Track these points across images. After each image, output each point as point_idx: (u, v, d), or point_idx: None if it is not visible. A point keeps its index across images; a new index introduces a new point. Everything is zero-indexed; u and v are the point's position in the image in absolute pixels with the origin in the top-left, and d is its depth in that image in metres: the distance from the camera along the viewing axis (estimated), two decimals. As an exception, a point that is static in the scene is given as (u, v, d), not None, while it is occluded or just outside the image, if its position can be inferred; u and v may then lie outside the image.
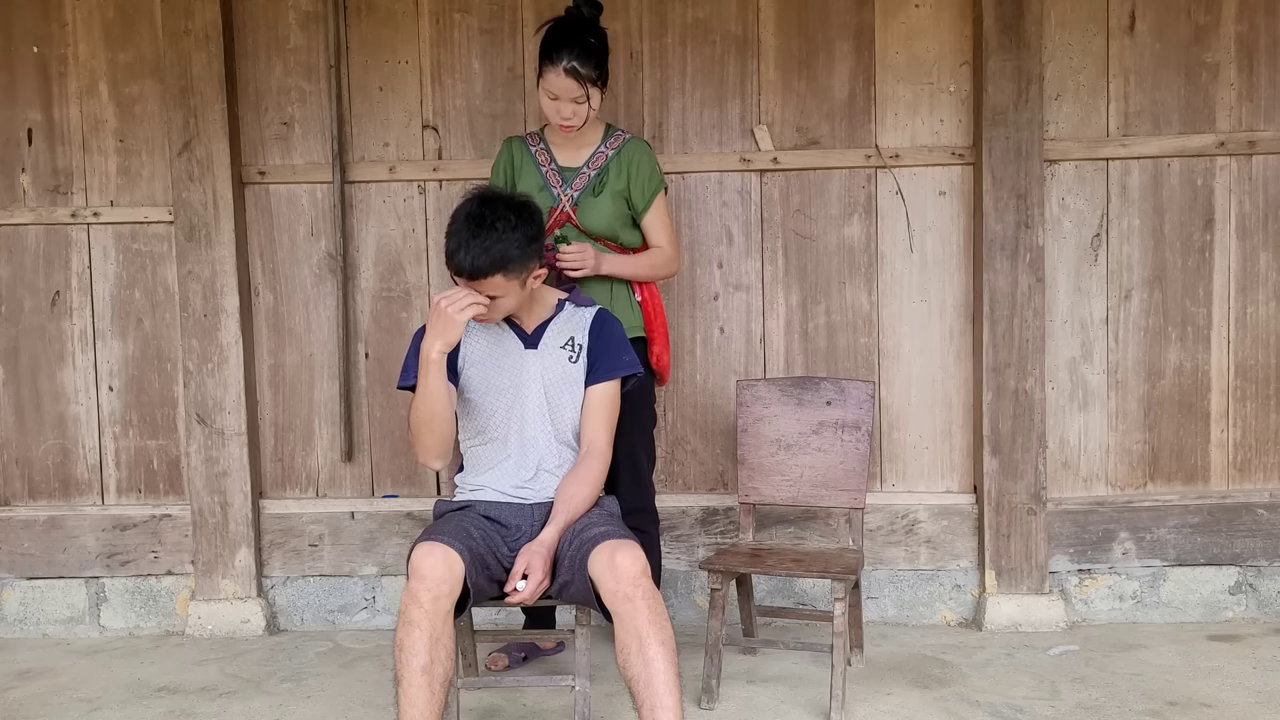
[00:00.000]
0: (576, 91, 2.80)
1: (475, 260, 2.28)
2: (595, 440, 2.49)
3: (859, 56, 3.34)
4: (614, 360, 2.52)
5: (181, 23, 3.30)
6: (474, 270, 2.29)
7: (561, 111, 2.83)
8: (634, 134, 3.09)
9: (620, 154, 2.95)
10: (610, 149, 2.95)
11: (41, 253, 3.47)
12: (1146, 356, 3.36)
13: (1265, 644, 3.11)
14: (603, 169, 2.93)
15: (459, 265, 2.30)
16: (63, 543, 3.46)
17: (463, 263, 2.29)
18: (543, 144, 2.98)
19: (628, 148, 2.96)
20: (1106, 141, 3.31)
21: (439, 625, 2.17)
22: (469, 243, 2.28)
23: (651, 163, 2.97)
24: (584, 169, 2.94)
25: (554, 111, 2.84)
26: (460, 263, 2.29)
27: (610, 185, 2.92)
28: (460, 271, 2.31)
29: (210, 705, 2.84)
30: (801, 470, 3.00)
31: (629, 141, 2.97)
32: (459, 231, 2.31)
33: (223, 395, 3.37)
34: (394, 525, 3.43)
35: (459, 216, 2.33)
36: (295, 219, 3.44)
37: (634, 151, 2.95)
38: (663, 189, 2.99)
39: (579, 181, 2.92)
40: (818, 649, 2.83)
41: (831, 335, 3.40)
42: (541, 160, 2.96)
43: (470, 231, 2.29)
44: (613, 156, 2.94)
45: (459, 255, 2.29)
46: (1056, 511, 3.33)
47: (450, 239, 2.31)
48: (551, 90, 2.81)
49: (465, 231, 2.30)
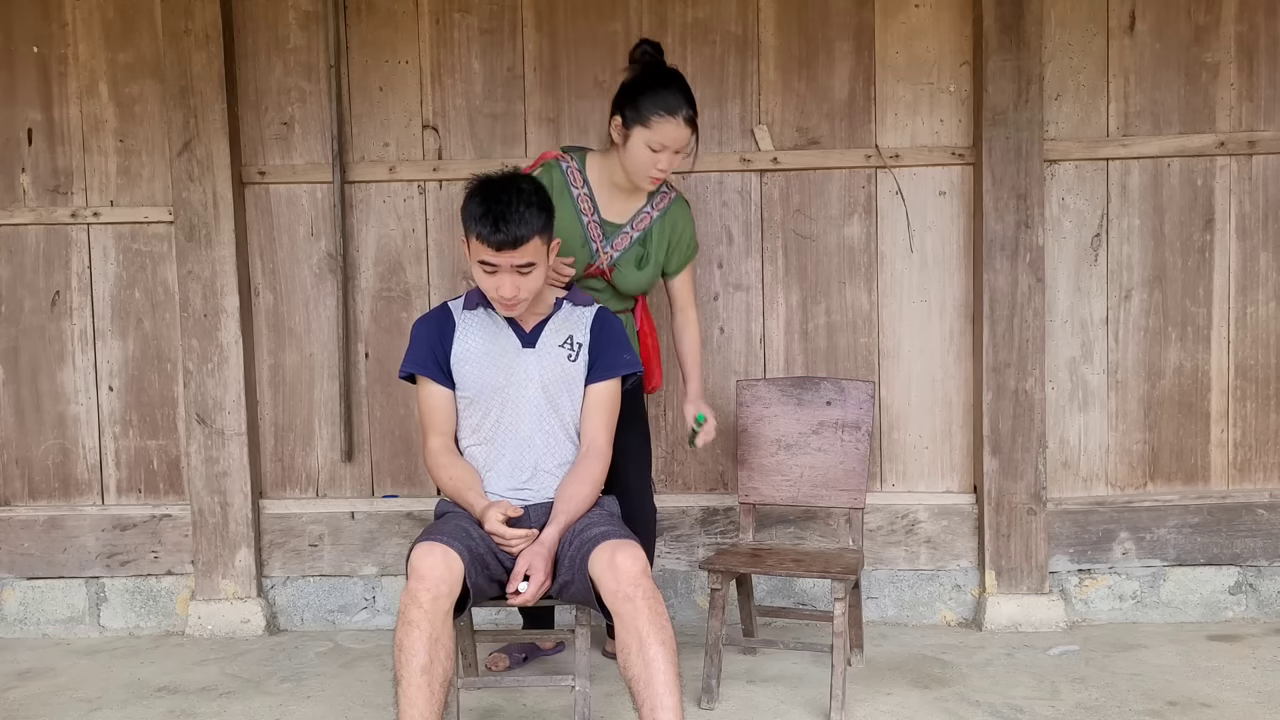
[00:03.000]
0: (687, 141, 2.68)
1: (516, 228, 2.30)
2: (595, 439, 2.49)
3: (859, 56, 3.34)
4: (614, 359, 2.52)
5: (181, 22, 3.31)
6: (517, 238, 2.31)
7: (659, 163, 2.68)
8: (677, 190, 2.95)
9: (665, 217, 2.85)
10: (655, 209, 2.85)
11: (41, 253, 3.47)
12: (1146, 356, 3.36)
13: (1265, 644, 3.11)
14: (645, 232, 2.84)
15: (501, 239, 2.30)
16: (63, 543, 3.46)
17: (505, 234, 2.30)
18: (587, 188, 2.82)
19: (672, 210, 2.86)
20: (1106, 141, 3.31)
21: (438, 625, 2.17)
22: (505, 214, 2.30)
23: (692, 229, 2.91)
24: (627, 228, 2.83)
25: (650, 163, 2.69)
26: (504, 235, 2.30)
27: (653, 257, 2.84)
28: (504, 244, 2.31)
29: (210, 705, 2.84)
30: (801, 470, 3.00)
31: (674, 203, 2.87)
32: (487, 212, 2.31)
33: (223, 395, 3.37)
34: (394, 525, 3.43)
35: (478, 201, 2.33)
36: (295, 219, 3.44)
37: (678, 216, 2.87)
38: (695, 253, 2.94)
39: (620, 241, 2.82)
40: (818, 649, 2.83)
41: (831, 335, 3.40)
42: (584, 208, 2.80)
43: (500, 205, 2.30)
44: (656, 219, 2.84)
45: (501, 229, 2.30)
46: (1056, 511, 3.33)
47: (480, 222, 2.31)
48: (662, 141, 2.65)
49: (494, 208, 2.31)
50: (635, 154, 2.69)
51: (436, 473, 2.52)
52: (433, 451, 2.52)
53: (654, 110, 2.64)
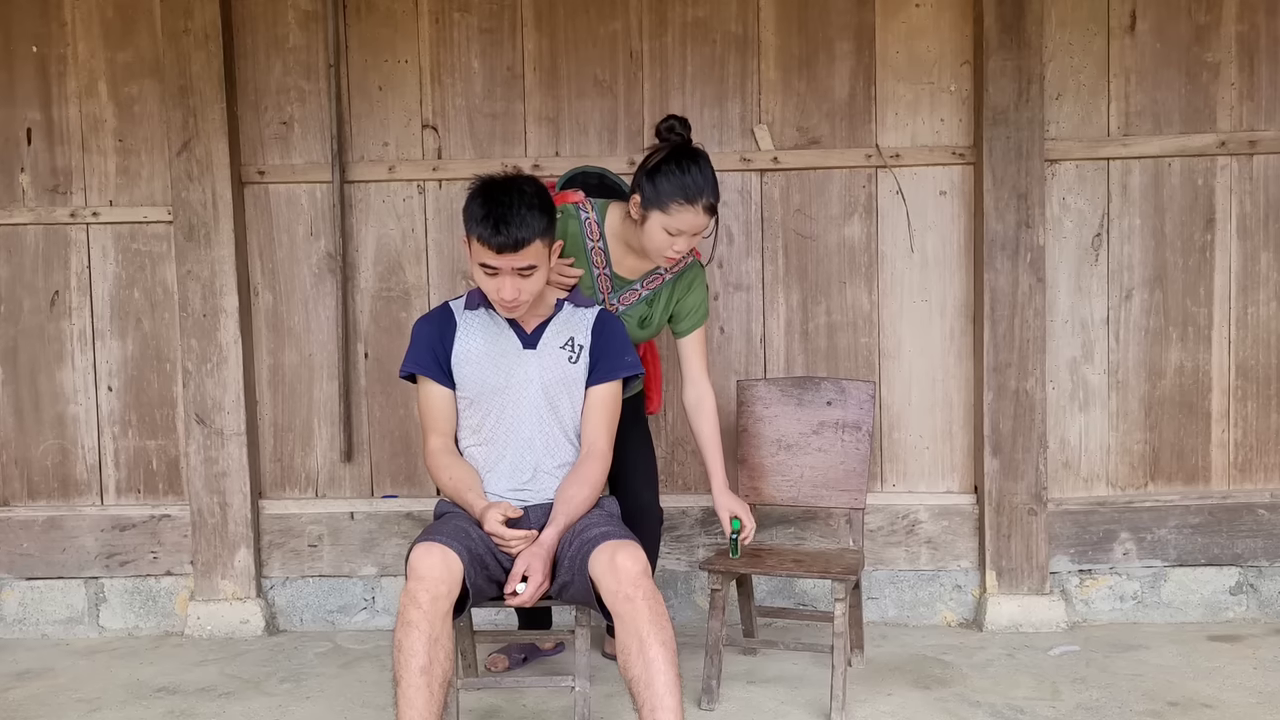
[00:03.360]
0: (706, 225, 2.58)
1: (517, 231, 2.29)
2: (595, 441, 2.49)
3: (859, 56, 3.34)
4: (615, 360, 2.52)
5: (181, 22, 3.30)
6: (518, 240, 2.30)
7: (676, 245, 2.58)
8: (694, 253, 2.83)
9: (678, 280, 2.79)
10: (669, 272, 2.78)
11: (41, 253, 3.46)
12: (1147, 356, 3.36)
13: (1266, 644, 3.11)
14: (655, 293, 2.79)
15: (503, 241, 2.29)
16: (62, 543, 3.46)
17: (506, 237, 2.29)
18: (603, 241, 2.73)
19: (687, 275, 2.79)
20: (1107, 141, 3.31)
21: (438, 625, 2.16)
22: (506, 216, 2.29)
23: (704, 293, 2.82)
24: (637, 285, 2.77)
25: (666, 245, 2.58)
26: (504, 238, 2.28)
27: (657, 320, 2.79)
28: (505, 246, 2.29)
29: (209, 705, 2.84)
30: (802, 470, 3.00)
31: (689, 268, 2.80)
32: (489, 215, 2.30)
33: (222, 395, 3.37)
34: (393, 525, 3.42)
35: (479, 203, 2.32)
36: (295, 219, 3.44)
37: (694, 279, 2.79)
38: (705, 318, 2.85)
39: (628, 297, 2.77)
40: (818, 649, 2.83)
41: (832, 335, 3.40)
42: (596, 260, 2.73)
43: (501, 208, 2.30)
44: (669, 281, 2.79)
45: (502, 231, 2.29)
46: (1057, 512, 3.33)
47: (482, 224, 2.30)
48: (679, 228, 2.55)
49: (496, 210, 2.30)
50: (652, 235, 2.59)
51: (436, 473, 2.51)
52: (433, 452, 2.51)
53: (673, 197, 2.53)
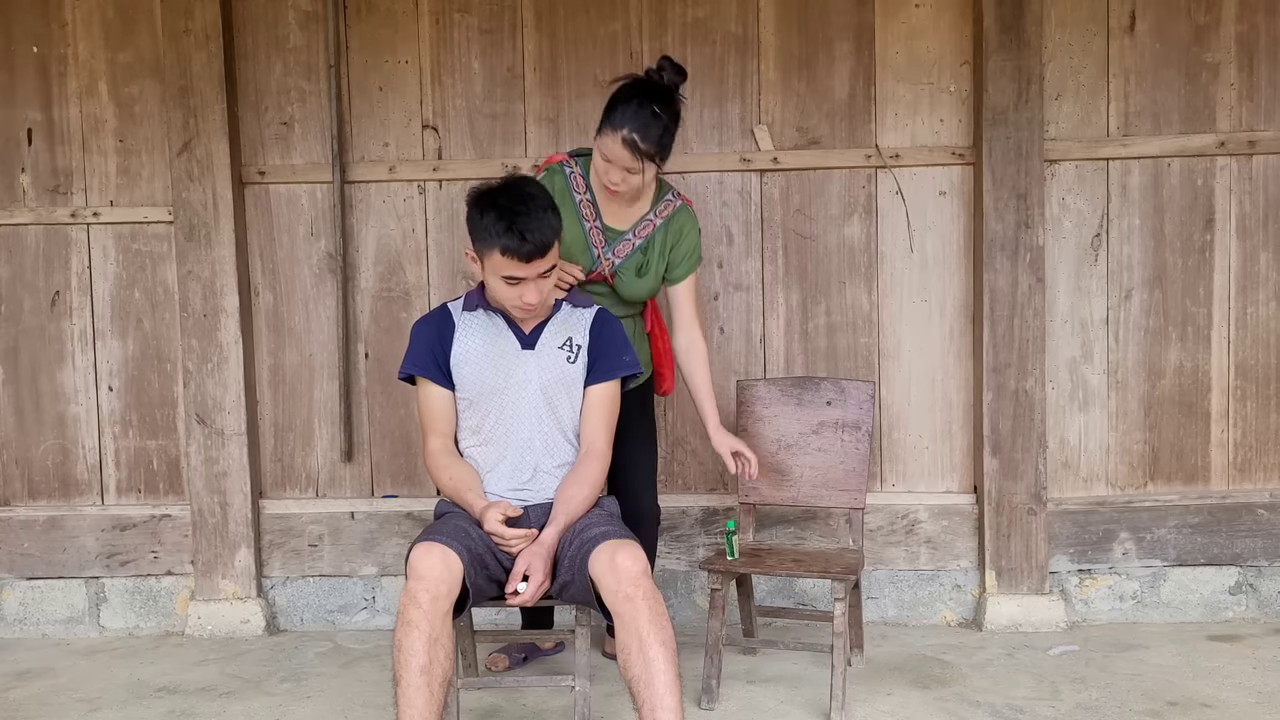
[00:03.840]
0: (630, 163, 2.63)
1: (540, 235, 2.31)
2: (594, 441, 2.49)
3: (859, 56, 3.34)
4: (614, 360, 2.52)
5: (181, 22, 3.30)
6: (544, 245, 2.32)
7: (610, 175, 2.67)
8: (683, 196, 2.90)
9: (669, 226, 2.82)
10: (659, 217, 2.81)
11: (41, 253, 3.47)
12: (1147, 356, 3.36)
13: (1265, 644, 3.11)
14: (648, 240, 2.81)
15: (531, 249, 2.30)
16: (62, 543, 3.46)
17: (534, 245, 2.30)
18: (589, 194, 2.80)
19: (677, 218, 2.83)
20: (1107, 141, 3.31)
21: (437, 625, 2.17)
22: (529, 225, 2.30)
23: (696, 238, 2.86)
24: (629, 235, 2.80)
25: (604, 171, 2.68)
26: (532, 246, 2.30)
27: (654, 265, 2.81)
28: (534, 254, 2.31)
29: (210, 705, 2.84)
30: (801, 470, 3.00)
31: (678, 211, 2.83)
32: (511, 226, 2.30)
33: (222, 395, 3.37)
34: (394, 525, 3.43)
35: (495, 215, 2.32)
36: (295, 219, 3.44)
37: (683, 224, 2.83)
38: (699, 263, 2.89)
39: (622, 248, 2.79)
40: (818, 649, 2.83)
41: (831, 335, 3.40)
42: (585, 213, 2.78)
43: (521, 217, 2.30)
44: (660, 227, 2.81)
45: (528, 239, 2.30)
46: (1057, 511, 3.33)
47: (506, 237, 2.30)
48: (606, 153, 2.65)
49: (518, 221, 2.30)
50: (595, 160, 2.71)
51: (436, 474, 2.52)
52: (432, 452, 2.52)
53: (605, 122, 2.64)
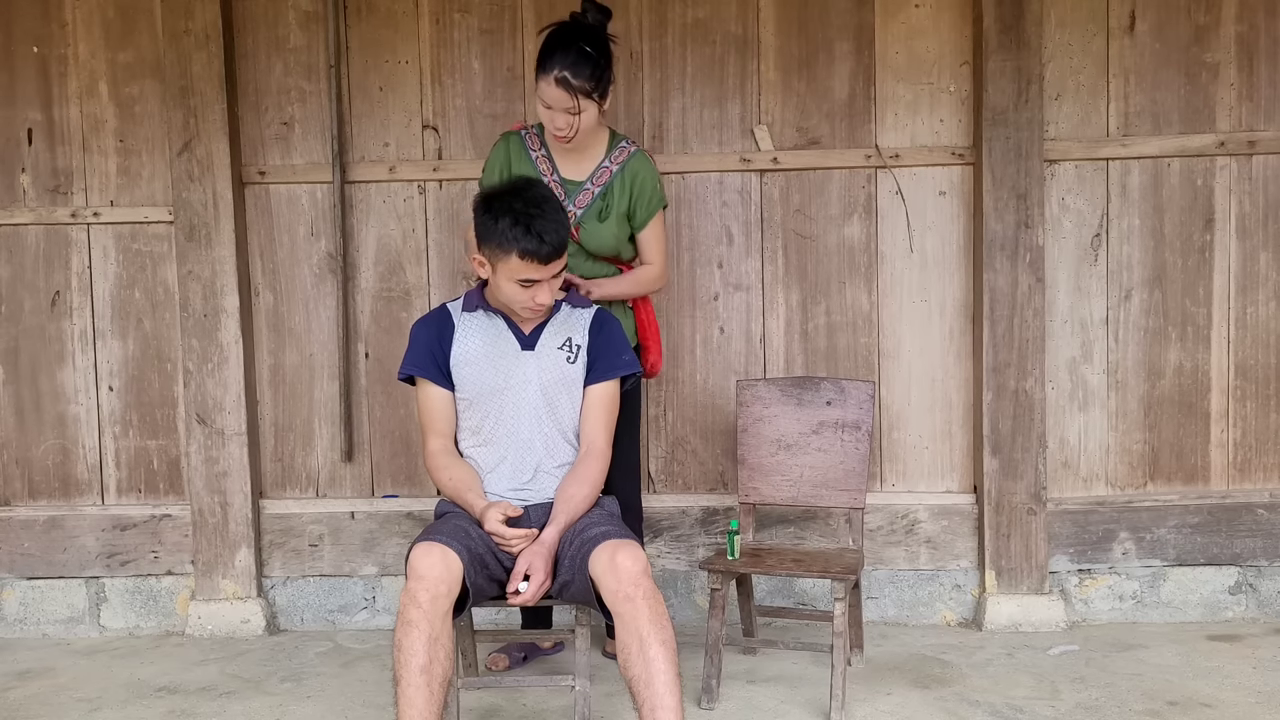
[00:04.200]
0: (568, 103, 2.69)
1: (556, 237, 2.33)
2: (594, 440, 2.50)
3: (859, 56, 3.34)
4: (613, 360, 2.53)
5: (181, 23, 3.30)
6: (559, 247, 2.34)
7: (555, 122, 2.73)
8: (638, 144, 2.97)
9: (625, 170, 2.86)
10: (614, 164, 2.86)
11: (41, 253, 3.47)
12: (1146, 356, 3.36)
13: (1265, 644, 3.11)
14: (606, 186, 2.85)
15: (550, 251, 2.32)
16: (63, 543, 3.46)
17: (550, 246, 2.32)
18: (544, 150, 2.88)
19: (632, 163, 2.87)
20: (1106, 141, 3.31)
21: (437, 625, 2.17)
22: (545, 228, 2.31)
23: (655, 179, 2.89)
24: (587, 184, 2.85)
25: (548, 120, 2.75)
26: (549, 247, 2.31)
27: (615, 208, 2.85)
28: (552, 256, 2.33)
29: (210, 705, 2.84)
30: (801, 470, 3.00)
31: (633, 156, 2.88)
32: (529, 230, 2.31)
33: (223, 395, 3.37)
34: (394, 525, 3.43)
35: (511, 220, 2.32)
36: (295, 219, 3.44)
37: (638, 167, 2.87)
38: (663, 206, 2.93)
39: (582, 198, 2.85)
40: (818, 649, 2.83)
41: (831, 335, 3.40)
42: (543, 169, 2.86)
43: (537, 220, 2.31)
44: (617, 173, 2.86)
45: (545, 240, 2.31)
46: (1056, 511, 3.33)
47: (525, 240, 2.30)
48: (544, 99, 2.71)
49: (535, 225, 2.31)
50: (539, 109, 2.75)
51: (436, 474, 2.52)
52: (432, 453, 2.52)
53: (538, 67, 2.71)
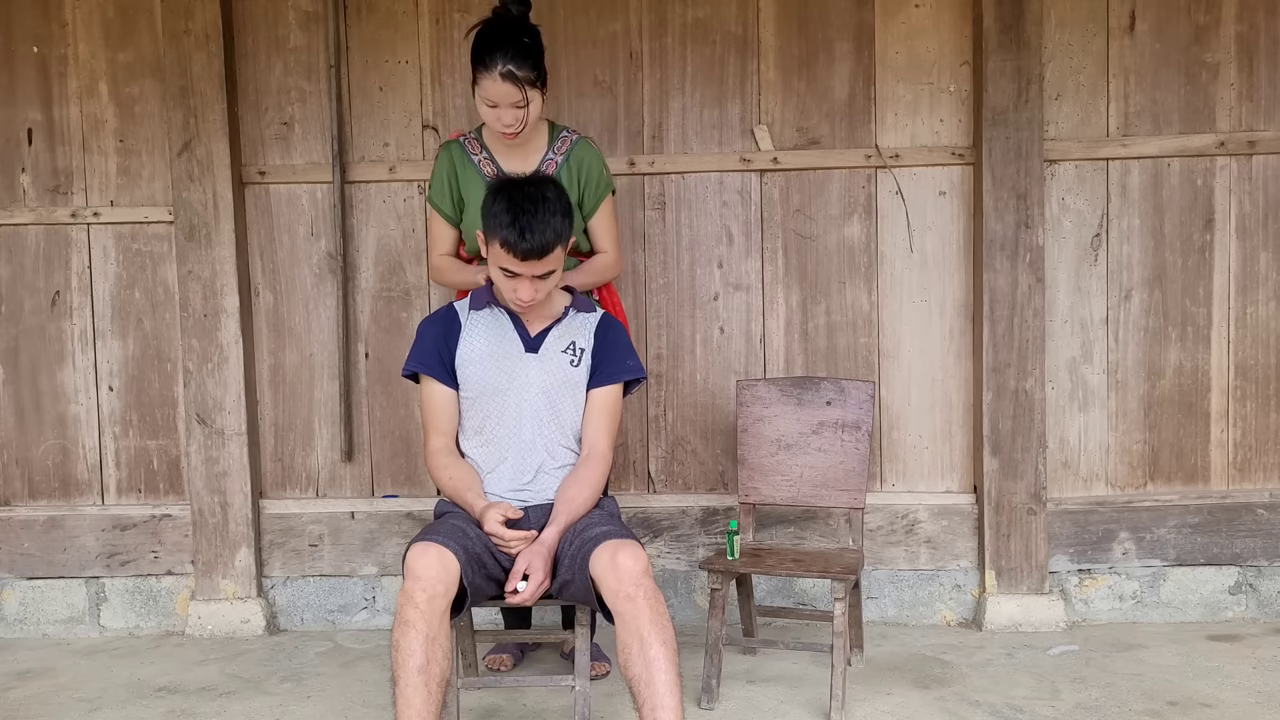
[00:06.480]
0: (516, 96, 2.65)
1: (541, 237, 2.30)
2: (596, 443, 2.50)
3: (859, 56, 3.34)
4: (618, 365, 2.53)
5: (181, 22, 3.31)
6: (539, 248, 2.30)
7: (503, 119, 2.69)
8: (582, 133, 2.94)
9: (570, 159, 2.84)
10: (559, 154, 2.84)
11: (41, 253, 3.47)
12: (1146, 356, 3.36)
13: (1265, 644, 3.11)
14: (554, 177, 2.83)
15: (529, 249, 2.29)
16: (63, 543, 3.46)
17: (532, 245, 2.29)
18: (485, 152, 2.84)
19: (576, 151, 2.84)
20: (1106, 141, 3.31)
21: (435, 625, 2.17)
22: (532, 224, 2.29)
23: (600, 165, 2.86)
24: None
25: (494, 119, 2.70)
26: (530, 245, 2.29)
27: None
28: (530, 254, 2.30)
29: (210, 705, 2.84)
30: (801, 470, 3.00)
31: (577, 143, 2.85)
32: (515, 222, 2.29)
33: (223, 395, 3.37)
34: (394, 525, 3.43)
35: (503, 207, 2.31)
36: (295, 219, 3.44)
37: (583, 154, 2.84)
38: (610, 191, 2.90)
39: None
40: (818, 649, 2.83)
41: (831, 335, 3.40)
42: (486, 171, 2.82)
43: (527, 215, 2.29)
44: (563, 163, 2.83)
45: (528, 238, 2.29)
46: (1056, 511, 3.33)
47: (508, 230, 2.29)
48: (489, 98, 2.66)
49: (521, 217, 2.29)
50: (481, 111, 2.72)
51: (437, 473, 2.52)
52: (433, 452, 2.52)
53: (476, 66, 2.66)
